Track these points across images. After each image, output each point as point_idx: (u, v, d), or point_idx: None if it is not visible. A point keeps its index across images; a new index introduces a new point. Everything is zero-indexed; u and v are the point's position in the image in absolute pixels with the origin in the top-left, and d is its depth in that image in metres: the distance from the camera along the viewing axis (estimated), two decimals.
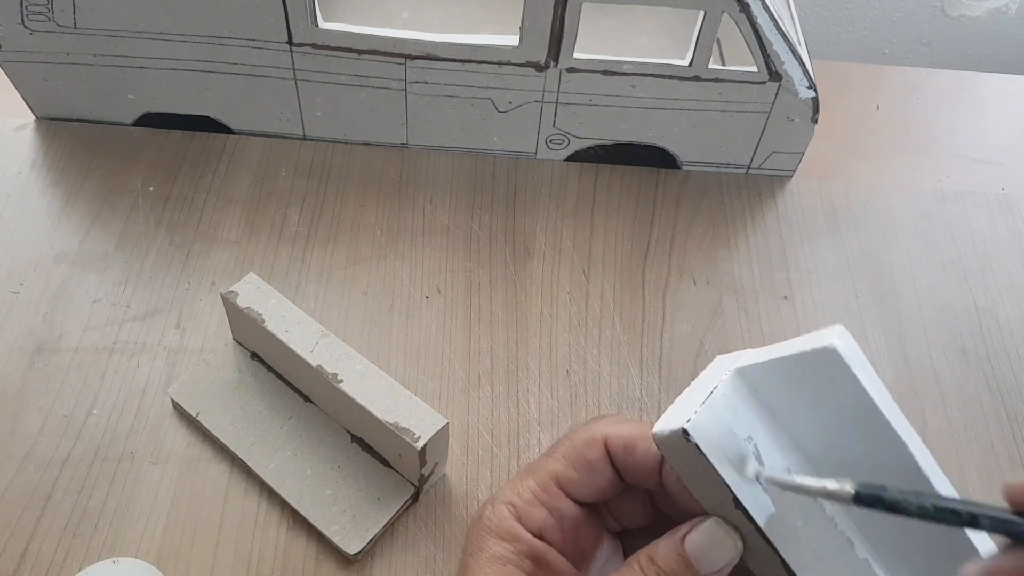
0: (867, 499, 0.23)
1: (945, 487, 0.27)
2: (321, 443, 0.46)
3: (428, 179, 0.60)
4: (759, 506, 0.26)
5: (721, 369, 0.29)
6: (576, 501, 0.30)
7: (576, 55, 0.54)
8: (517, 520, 0.29)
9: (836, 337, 0.26)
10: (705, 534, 0.27)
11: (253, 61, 0.56)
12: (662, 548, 0.27)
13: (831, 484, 0.24)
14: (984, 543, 0.27)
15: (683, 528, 0.27)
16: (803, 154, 0.60)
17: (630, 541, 0.33)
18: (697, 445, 0.26)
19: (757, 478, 0.26)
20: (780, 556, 0.26)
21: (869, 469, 0.27)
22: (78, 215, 0.56)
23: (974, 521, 0.23)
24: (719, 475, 0.26)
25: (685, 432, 0.26)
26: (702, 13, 0.52)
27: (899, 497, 0.23)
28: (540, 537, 0.29)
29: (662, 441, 0.27)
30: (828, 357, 0.26)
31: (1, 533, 0.43)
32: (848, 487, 0.24)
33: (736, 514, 0.27)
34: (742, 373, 0.28)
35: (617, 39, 0.66)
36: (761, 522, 0.26)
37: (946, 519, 0.23)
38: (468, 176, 0.60)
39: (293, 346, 0.43)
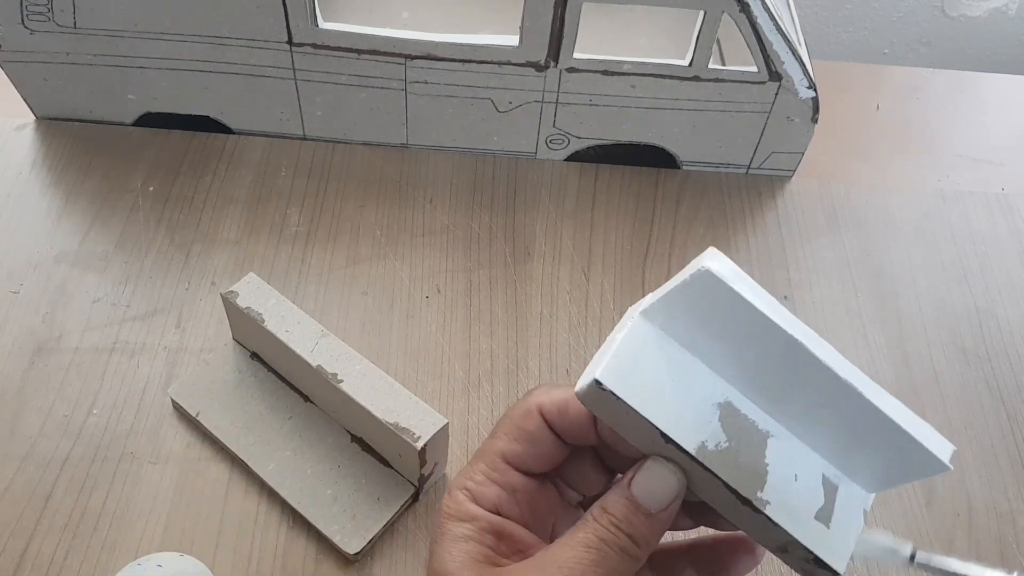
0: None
1: (852, 374, 0.27)
2: (321, 443, 0.46)
3: (428, 179, 0.60)
4: (687, 436, 0.27)
5: (628, 317, 0.29)
6: (526, 473, 0.31)
7: (576, 55, 0.54)
8: (473, 502, 0.30)
9: (708, 259, 0.26)
10: (647, 473, 0.28)
11: (253, 61, 0.56)
12: (612, 497, 0.28)
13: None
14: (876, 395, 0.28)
15: (628, 474, 0.29)
16: (803, 154, 0.60)
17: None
18: (613, 392, 0.27)
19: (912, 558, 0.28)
20: (720, 479, 0.27)
21: (779, 379, 0.28)
22: (78, 215, 0.56)
23: None
24: (641, 416, 0.27)
25: (598, 382, 0.27)
26: (702, 13, 0.52)
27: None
28: (497, 513, 0.30)
29: (584, 397, 0.28)
30: (706, 279, 0.27)
31: (1, 533, 0.43)
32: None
33: (669, 448, 0.27)
34: (646, 315, 0.29)
35: (617, 39, 0.66)
36: (692, 450, 0.27)
37: None
38: (468, 176, 0.60)
39: (293, 346, 0.43)
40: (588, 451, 0.32)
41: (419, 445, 0.40)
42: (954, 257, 0.58)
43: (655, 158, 0.61)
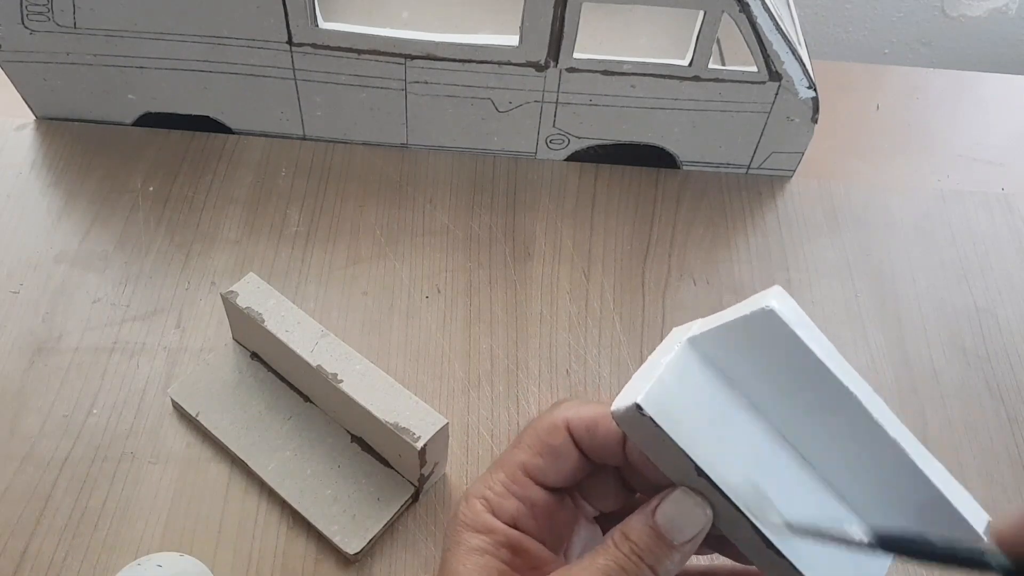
0: (886, 543, 0.25)
1: (900, 432, 0.27)
2: (321, 443, 0.46)
3: (428, 179, 0.60)
4: (722, 473, 0.27)
5: (674, 341, 0.29)
6: (546, 488, 0.31)
7: (576, 55, 0.54)
8: (490, 513, 0.30)
9: (773, 298, 0.26)
10: (674, 504, 0.27)
11: (253, 61, 0.56)
12: (634, 523, 0.28)
13: (855, 535, 0.25)
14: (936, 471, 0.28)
15: (653, 501, 0.28)
16: (803, 154, 0.60)
17: (607, 526, 0.33)
18: (653, 419, 0.26)
19: (788, 527, 0.27)
20: (749, 520, 0.27)
21: (824, 428, 0.28)
22: (78, 215, 0.56)
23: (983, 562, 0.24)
24: (678, 446, 0.26)
25: (639, 407, 0.26)
26: (702, 13, 0.52)
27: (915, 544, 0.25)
28: (514, 527, 0.30)
29: (620, 418, 0.27)
30: (768, 319, 0.26)
31: (1, 533, 0.43)
32: (864, 537, 0.25)
33: (701, 482, 0.27)
34: (693, 343, 0.28)
35: (617, 39, 0.66)
36: (725, 489, 0.27)
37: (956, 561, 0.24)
38: (468, 176, 0.60)
39: (293, 346, 0.43)
40: (610, 468, 0.32)
41: (419, 445, 0.40)
42: (954, 257, 0.58)
43: (655, 158, 0.61)
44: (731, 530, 0.28)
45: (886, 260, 0.58)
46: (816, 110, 0.57)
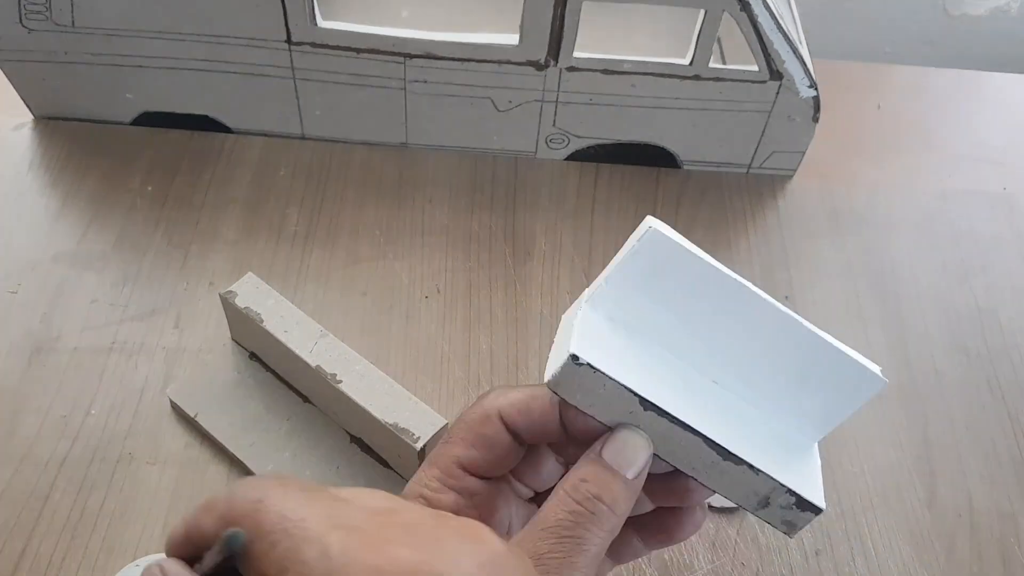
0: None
1: (789, 310, 0.30)
2: (320, 444, 0.45)
3: (428, 179, 0.60)
4: (664, 401, 0.28)
5: (574, 308, 0.31)
6: (483, 479, 0.31)
7: (576, 54, 0.54)
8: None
9: (650, 223, 0.29)
10: (618, 442, 0.29)
11: (252, 60, 0.56)
12: (583, 468, 0.29)
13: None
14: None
15: (596, 446, 0.29)
16: (804, 153, 0.60)
17: (541, 498, 0.34)
18: (590, 364, 0.27)
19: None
20: (702, 436, 0.28)
21: (727, 335, 0.30)
22: (76, 215, 0.56)
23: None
24: (620, 385, 0.28)
25: (575, 357, 0.27)
26: (703, 12, 0.51)
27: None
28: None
29: (557, 380, 0.28)
30: (652, 239, 0.29)
31: (0, 533, 0.43)
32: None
33: (648, 416, 0.28)
34: (593, 302, 0.30)
35: (617, 39, 0.65)
36: (675, 412, 0.28)
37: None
38: (468, 176, 0.60)
39: (292, 346, 0.43)
40: (543, 448, 0.32)
41: (418, 446, 0.40)
42: (955, 256, 0.58)
43: (655, 157, 0.61)
44: (681, 458, 0.29)
45: (887, 260, 0.58)
46: (817, 109, 0.57)
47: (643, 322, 0.30)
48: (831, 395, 0.31)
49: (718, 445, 0.28)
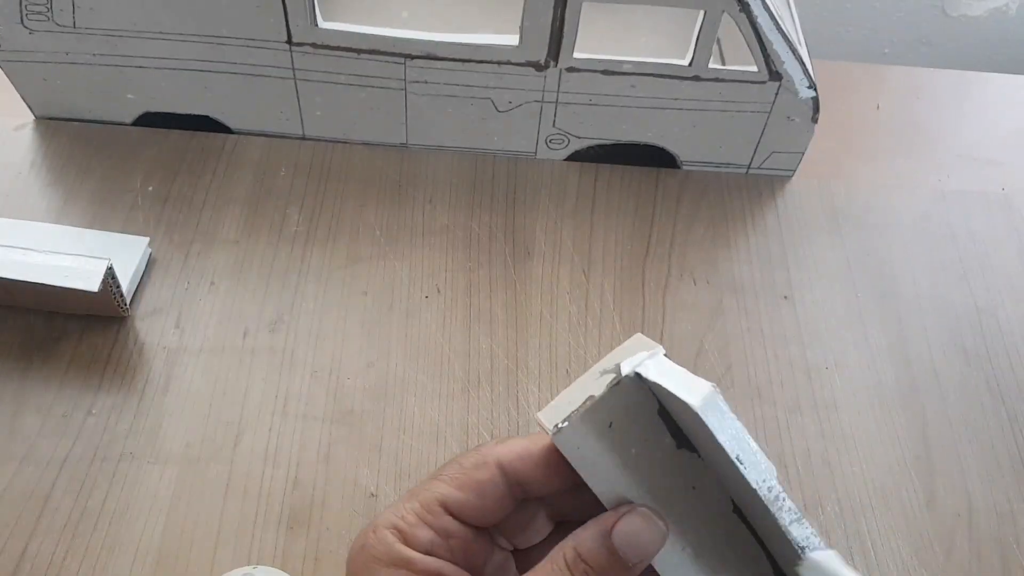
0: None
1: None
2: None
3: (428, 179, 0.60)
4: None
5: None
6: (464, 524, 0.29)
7: (576, 55, 0.54)
8: (403, 543, 0.28)
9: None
10: (633, 522, 0.27)
11: (252, 61, 0.56)
12: (588, 542, 0.27)
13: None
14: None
15: (608, 518, 0.27)
16: (803, 154, 0.60)
17: (518, 555, 0.32)
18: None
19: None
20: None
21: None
22: (77, 215, 0.56)
23: None
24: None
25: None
26: (702, 13, 0.52)
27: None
28: (430, 555, 0.29)
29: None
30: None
31: (0, 533, 0.43)
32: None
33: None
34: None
35: (617, 39, 0.65)
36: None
37: None
38: (468, 176, 0.60)
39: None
40: (532, 504, 0.31)
41: None
42: (954, 257, 0.58)
43: (655, 158, 0.61)
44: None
45: (886, 260, 0.58)
46: (816, 110, 0.57)
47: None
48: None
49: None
